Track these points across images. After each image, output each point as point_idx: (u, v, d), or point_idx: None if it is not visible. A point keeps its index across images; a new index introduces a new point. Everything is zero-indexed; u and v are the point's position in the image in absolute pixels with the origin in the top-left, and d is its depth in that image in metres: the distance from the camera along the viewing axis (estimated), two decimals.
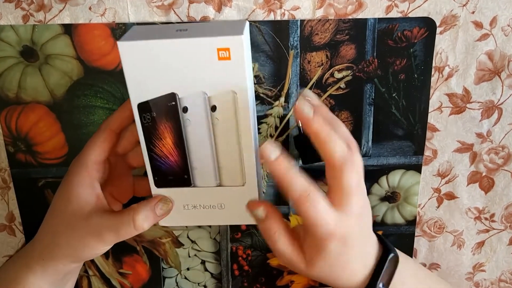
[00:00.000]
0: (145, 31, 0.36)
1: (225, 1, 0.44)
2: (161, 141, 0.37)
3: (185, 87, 0.35)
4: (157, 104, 0.35)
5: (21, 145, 0.47)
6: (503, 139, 0.50)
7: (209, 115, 0.36)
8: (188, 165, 0.38)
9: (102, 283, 0.53)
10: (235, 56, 0.33)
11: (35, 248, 0.40)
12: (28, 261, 0.40)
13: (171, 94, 0.35)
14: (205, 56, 0.33)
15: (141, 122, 0.36)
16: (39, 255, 0.40)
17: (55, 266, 0.40)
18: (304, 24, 0.45)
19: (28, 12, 0.43)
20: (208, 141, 0.37)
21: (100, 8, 0.43)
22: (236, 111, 0.35)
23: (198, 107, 0.35)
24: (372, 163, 0.50)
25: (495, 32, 0.46)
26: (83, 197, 0.38)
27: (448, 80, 0.47)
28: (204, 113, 0.36)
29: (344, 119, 0.48)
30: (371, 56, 0.46)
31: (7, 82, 0.45)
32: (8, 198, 0.49)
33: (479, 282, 0.55)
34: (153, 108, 0.35)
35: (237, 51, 0.32)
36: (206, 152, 0.37)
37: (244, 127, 0.36)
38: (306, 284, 0.54)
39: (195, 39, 0.33)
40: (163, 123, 0.36)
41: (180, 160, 0.37)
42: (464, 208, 0.52)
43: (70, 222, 0.38)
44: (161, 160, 0.38)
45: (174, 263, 0.53)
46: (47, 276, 0.40)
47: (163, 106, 0.35)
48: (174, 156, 0.37)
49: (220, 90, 0.34)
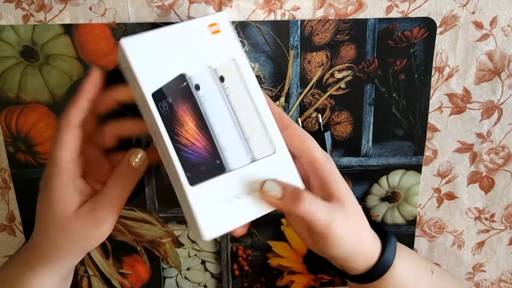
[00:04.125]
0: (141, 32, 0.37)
1: (225, 1, 0.44)
2: (183, 127, 0.36)
3: (191, 67, 0.36)
4: (170, 89, 0.35)
5: (21, 145, 0.47)
6: (503, 139, 0.50)
7: (220, 87, 0.37)
8: (217, 147, 0.36)
9: (102, 283, 0.53)
10: (224, 28, 0.37)
11: (35, 251, 0.40)
12: (32, 265, 0.40)
13: (180, 75, 0.36)
14: (200, 34, 0.37)
15: (159, 112, 0.35)
16: (43, 258, 0.39)
17: (62, 265, 0.40)
18: (304, 24, 0.45)
19: (29, 12, 0.43)
20: (228, 115, 0.37)
21: (100, 8, 0.43)
22: (242, 77, 0.37)
23: (208, 81, 0.36)
24: (372, 163, 0.50)
25: (495, 32, 0.46)
26: (68, 200, 0.38)
27: (448, 80, 0.47)
28: (215, 86, 0.36)
29: (344, 119, 0.48)
30: (372, 56, 0.46)
31: (7, 82, 0.45)
32: (8, 198, 0.49)
33: (479, 282, 0.55)
34: (167, 94, 0.35)
35: (223, 23, 0.37)
36: (230, 127, 0.36)
37: (254, 92, 0.37)
38: (306, 284, 0.55)
39: (189, 22, 0.37)
40: (180, 107, 0.35)
41: (208, 143, 0.36)
42: (464, 208, 0.52)
43: (64, 226, 0.38)
44: (189, 150, 0.35)
45: (174, 263, 0.53)
46: (54, 275, 0.40)
47: (176, 89, 0.35)
48: (201, 141, 0.36)
49: (222, 60, 0.37)
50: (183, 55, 0.36)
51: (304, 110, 0.48)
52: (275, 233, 0.52)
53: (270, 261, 0.53)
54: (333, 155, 0.49)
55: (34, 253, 0.40)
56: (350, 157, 0.50)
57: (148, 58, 0.35)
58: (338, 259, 0.40)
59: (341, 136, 0.49)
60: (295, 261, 0.53)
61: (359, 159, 0.50)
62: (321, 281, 0.54)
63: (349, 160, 0.50)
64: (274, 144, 0.37)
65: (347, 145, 0.49)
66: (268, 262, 0.53)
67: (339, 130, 0.49)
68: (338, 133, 0.49)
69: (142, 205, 0.50)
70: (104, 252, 0.52)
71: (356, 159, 0.50)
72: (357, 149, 0.49)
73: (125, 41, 0.35)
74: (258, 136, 0.37)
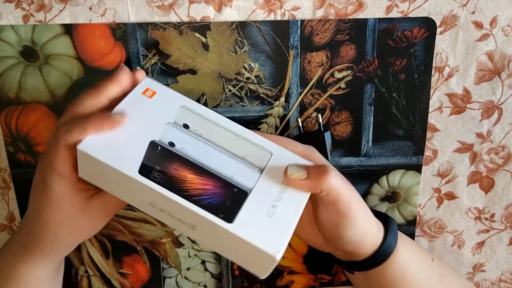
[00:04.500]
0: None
1: (225, 1, 0.44)
2: (186, 182, 0.35)
3: (153, 132, 0.36)
4: (150, 159, 0.35)
5: (21, 145, 0.47)
6: (503, 139, 0.50)
7: (189, 133, 0.37)
8: (226, 179, 0.36)
9: (102, 283, 0.53)
10: (156, 88, 0.38)
11: (31, 245, 0.39)
12: (27, 258, 0.40)
13: (150, 143, 0.35)
14: (141, 103, 0.37)
15: (157, 183, 0.34)
16: (40, 250, 0.39)
17: (58, 257, 0.41)
18: (304, 24, 0.45)
19: (29, 12, 0.43)
20: (214, 149, 0.37)
21: (100, 8, 0.43)
22: (200, 115, 0.37)
23: (177, 134, 0.37)
24: (372, 163, 0.50)
25: (495, 32, 0.46)
26: (75, 204, 0.37)
27: (448, 80, 0.47)
28: (186, 134, 0.37)
29: (344, 119, 0.48)
30: (372, 56, 0.46)
31: (7, 82, 0.45)
32: (8, 198, 0.49)
33: (479, 282, 0.55)
34: (151, 164, 0.35)
35: (153, 84, 0.38)
36: (223, 158, 0.37)
37: (218, 119, 0.38)
38: (306, 284, 0.54)
39: (125, 99, 0.37)
40: (170, 167, 0.35)
41: (216, 181, 0.36)
42: (464, 208, 0.52)
43: (71, 225, 0.38)
44: (205, 196, 0.35)
45: (174, 263, 0.53)
46: (51, 265, 0.41)
47: (155, 156, 0.35)
48: (209, 183, 0.35)
49: (175, 112, 0.37)
50: (140, 127, 0.36)
51: (304, 110, 0.48)
52: None
53: None
54: (333, 155, 0.49)
55: (29, 245, 0.40)
56: (350, 157, 0.50)
57: (111, 148, 0.34)
58: (350, 243, 0.40)
59: (341, 136, 0.49)
60: (295, 261, 0.53)
61: (359, 159, 0.50)
62: (321, 281, 0.54)
63: (349, 160, 0.50)
64: (267, 148, 0.37)
65: (347, 145, 0.49)
66: None
67: (339, 130, 0.49)
68: (338, 133, 0.49)
69: None
70: (104, 252, 0.52)
71: (356, 159, 0.50)
72: (357, 149, 0.49)
73: (82, 146, 0.34)
74: (250, 150, 0.37)
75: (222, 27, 0.44)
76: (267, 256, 0.33)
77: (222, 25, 0.44)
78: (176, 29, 0.44)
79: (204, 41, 0.45)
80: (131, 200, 0.36)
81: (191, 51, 0.45)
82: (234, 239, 0.33)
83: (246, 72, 0.46)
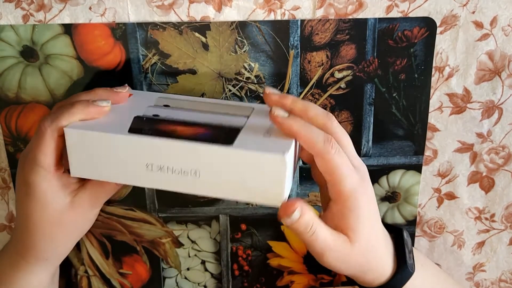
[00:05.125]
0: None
1: (225, 1, 0.43)
2: (177, 132, 0.36)
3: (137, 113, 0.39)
4: (138, 123, 0.37)
5: (21, 145, 0.47)
6: (504, 139, 0.50)
7: (172, 108, 0.40)
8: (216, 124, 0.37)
9: (102, 283, 0.53)
10: (132, 92, 0.42)
11: (25, 252, 0.39)
12: (24, 266, 0.39)
13: (135, 118, 0.38)
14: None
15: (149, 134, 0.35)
16: (36, 256, 0.39)
17: (55, 261, 0.40)
18: (304, 24, 0.45)
19: (28, 12, 0.43)
20: (199, 112, 0.39)
21: (100, 8, 0.43)
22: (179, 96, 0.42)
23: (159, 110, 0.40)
24: (372, 163, 0.50)
25: (495, 32, 0.46)
26: (61, 198, 0.37)
27: (449, 80, 0.47)
28: (168, 109, 0.40)
29: (344, 119, 0.48)
30: (372, 56, 0.46)
31: (7, 82, 0.45)
32: (8, 198, 0.49)
33: (480, 282, 0.55)
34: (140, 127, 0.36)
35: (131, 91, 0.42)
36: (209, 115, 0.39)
37: (194, 98, 0.42)
38: (306, 284, 0.54)
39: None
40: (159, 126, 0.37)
41: (206, 127, 0.37)
42: (464, 208, 0.52)
43: (61, 220, 0.37)
44: (199, 136, 0.35)
45: (174, 263, 0.53)
46: (49, 270, 0.40)
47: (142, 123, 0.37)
48: (200, 130, 0.36)
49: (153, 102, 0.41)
50: (123, 112, 0.38)
51: None
52: (275, 233, 0.52)
53: (270, 261, 0.53)
54: None
55: (24, 253, 0.39)
56: None
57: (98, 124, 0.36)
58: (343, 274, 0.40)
59: None
60: (295, 261, 0.53)
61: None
62: (321, 281, 0.54)
63: None
64: (250, 105, 0.40)
65: None
66: (268, 262, 0.53)
67: None
68: None
69: (142, 205, 0.50)
70: (104, 252, 0.52)
71: None
72: (357, 149, 0.49)
73: (70, 127, 0.35)
74: (232, 108, 0.40)
75: (222, 27, 0.44)
76: (275, 161, 0.32)
77: (222, 25, 0.44)
78: (176, 29, 0.44)
79: (204, 41, 0.45)
80: (127, 175, 0.36)
81: (191, 51, 0.45)
82: (239, 160, 0.33)
83: (246, 72, 0.46)
